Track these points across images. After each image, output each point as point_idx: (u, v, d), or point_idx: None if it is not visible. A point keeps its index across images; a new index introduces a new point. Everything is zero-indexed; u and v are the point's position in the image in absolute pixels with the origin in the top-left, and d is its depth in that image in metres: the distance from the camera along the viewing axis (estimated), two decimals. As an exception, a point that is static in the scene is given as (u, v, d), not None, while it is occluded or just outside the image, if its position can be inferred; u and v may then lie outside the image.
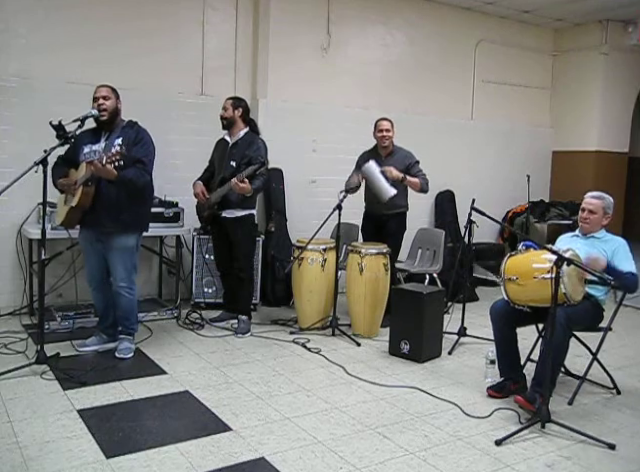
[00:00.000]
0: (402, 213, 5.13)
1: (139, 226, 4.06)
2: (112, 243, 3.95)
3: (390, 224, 5.07)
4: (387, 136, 4.96)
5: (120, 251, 3.97)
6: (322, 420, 3.23)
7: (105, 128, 3.97)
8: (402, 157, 4.98)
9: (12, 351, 4.04)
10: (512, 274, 3.40)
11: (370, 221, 5.22)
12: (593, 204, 3.69)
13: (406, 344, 4.26)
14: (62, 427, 3.01)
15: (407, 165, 4.94)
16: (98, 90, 3.94)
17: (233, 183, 4.39)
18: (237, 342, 4.55)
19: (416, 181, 4.89)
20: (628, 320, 5.52)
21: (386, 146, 4.98)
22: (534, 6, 6.87)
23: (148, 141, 3.97)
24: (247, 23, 5.87)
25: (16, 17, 4.85)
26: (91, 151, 3.92)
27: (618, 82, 7.55)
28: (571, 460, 2.89)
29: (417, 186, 4.91)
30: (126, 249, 3.99)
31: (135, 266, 4.09)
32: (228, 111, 4.67)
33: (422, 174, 4.96)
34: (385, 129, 4.96)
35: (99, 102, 3.89)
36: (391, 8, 6.55)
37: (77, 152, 3.95)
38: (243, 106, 4.71)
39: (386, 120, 5.01)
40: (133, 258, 4.05)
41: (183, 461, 2.74)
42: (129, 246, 4.00)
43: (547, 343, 3.21)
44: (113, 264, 4.00)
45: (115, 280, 4.02)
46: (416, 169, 4.97)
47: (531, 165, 7.46)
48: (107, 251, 3.99)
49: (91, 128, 4.00)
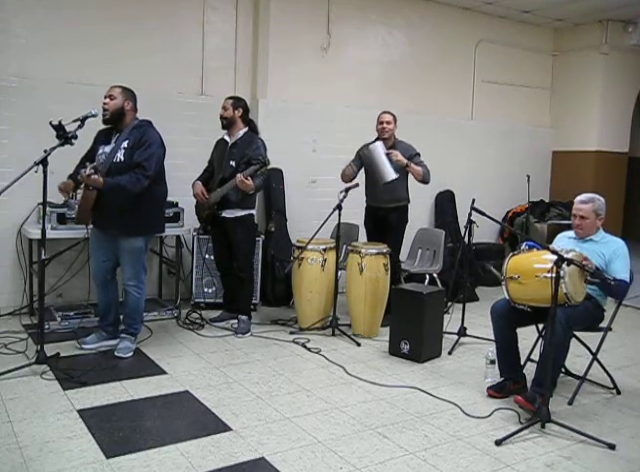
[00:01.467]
0: (403, 206, 5.13)
1: (146, 229, 4.07)
2: (120, 245, 4.01)
3: (391, 217, 5.08)
4: (387, 128, 4.98)
5: (128, 253, 4.01)
6: (322, 420, 3.23)
7: (116, 128, 4.00)
8: (404, 149, 4.99)
9: (12, 351, 4.04)
10: (514, 273, 3.40)
11: (371, 215, 5.23)
12: (583, 209, 3.65)
13: (406, 344, 4.26)
14: (62, 427, 3.01)
15: (409, 157, 4.95)
16: (109, 89, 3.98)
17: (238, 179, 4.38)
18: (237, 342, 4.55)
19: (419, 169, 4.92)
20: (628, 320, 5.52)
21: (386, 138, 4.98)
22: (534, 6, 6.87)
23: (153, 144, 3.93)
24: (247, 23, 5.87)
25: (16, 17, 4.85)
26: (103, 152, 3.97)
27: (618, 82, 7.55)
28: (571, 460, 2.89)
29: (420, 174, 4.94)
30: (133, 251, 4.02)
31: (144, 266, 4.13)
32: (228, 111, 4.66)
33: (424, 165, 5.00)
34: (386, 121, 4.99)
35: (103, 101, 3.92)
36: (391, 8, 6.56)
37: (95, 151, 4.04)
38: (243, 106, 4.70)
39: (388, 113, 5.05)
40: (141, 259, 4.09)
41: (183, 461, 2.74)
42: (136, 248, 4.03)
43: (547, 343, 3.21)
44: (122, 263, 4.07)
45: (124, 278, 4.09)
46: (418, 160, 5.01)
47: (531, 165, 7.46)
48: (117, 250, 4.05)
49: (108, 127, 4.04)
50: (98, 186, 3.77)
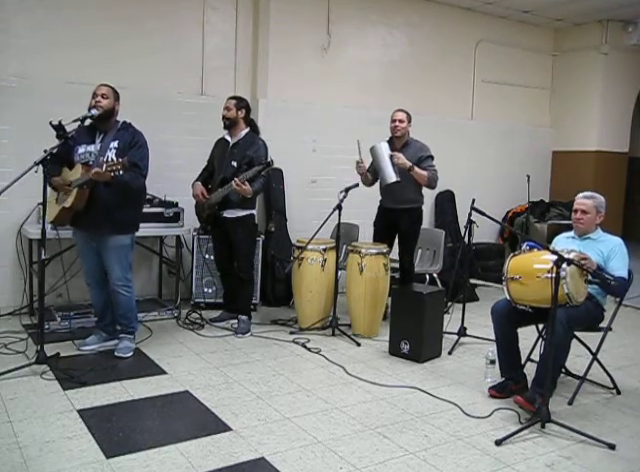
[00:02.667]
0: (415, 208, 4.98)
1: (133, 226, 4.08)
2: (107, 243, 3.96)
3: (402, 221, 4.94)
4: (399, 127, 4.87)
5: (115, 250, 3.97)
6: (322, 420, 3.23)
7: (100, 128, 3.95)
8: (416, 149, 4.88)
9: (12, 351, 4.04)
10: (515, 273, 3.40)
11: (382, 215, 5.11)
12: (585, 204, 3.69)
13: (406, 344, 4.26)
14: (62, 427, 3.01)
15: (419, 158, 4.83)
16: (98, 88, 3.93)
17: (234, 185, 4.39)
18: (237, 342, 4.55)
19: (423, 174, 4.77)
20: (628, 320, 5.52)
21: (398, 136, 4.89)
22: (534, 6, 6.88)
23: (143, 144, 3.97)
24: (247, 23, 5.87)
25: (16, 17, 4.85)
26: (86, 152, 3.90)
27: (618, 82, 7.55)
28: (571, 460, 2.89)
29: (424, 179, 4.80)
30: (122, 248, 4.00)
31: (130, 264, 4.11)
32: (231, 111, 4.64)
33: (433, 169, 4.85)
34: (398, 119, 4.89)
35: (97, 99, 3.87)
36: (391, 8, 6.56)
37: (71, 151, 3.91)
38: (246, 106, 4.69)
39: (401, 111, 4.95)
40: (129, 256, 4.08)
41: (183, 461, 2.74)
42: (124, 245, 4.01)
43: (548, 343, 3.21)
44: (109, 264, 4.00)
45: (112, 279, 4.03)
46: (427, 163, 4.86)
47: (531, 165, 7.47)
48: (102, 251, 4.00)
49: (85, 126, 3.91)
50: (106, 179, 3.68)
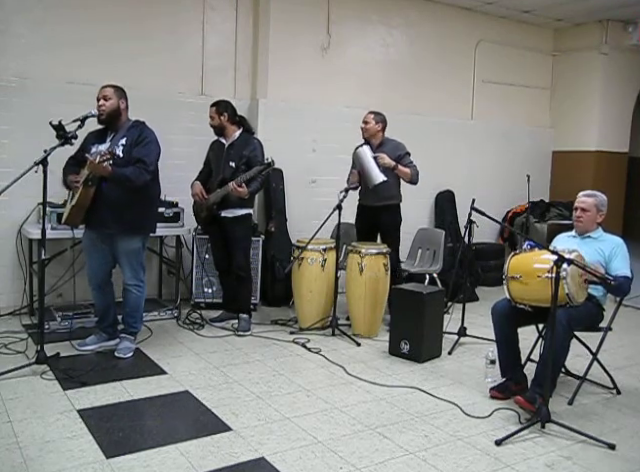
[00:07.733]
0: (395, 205, 5.07)
1: (143, 227, 4.07)
2: (117, 245, 3.99)
3: (383, 218, 5.02)
4: (364, 128, 4.96)
5: (126, 253, 4.00)
6: (322, 420, 3.23)
7: (110, 128, 3.99)
8: (392, 148, 4.95)
9: (12, 351, 4.04)
10: (515, 272, 3.40)
11: (361, 213, 5.18)
12: (586, 202, 3.70)
13: (406, 344, 4.26)
14: (62, 427, 3.01)
15: (397, 156, 4.91)
16: (101, 90, 3.94)
17: (231, 187, 4.41)
18: (237, 342, 4.55)
19: (407, 171, 4.88)
20: (628, 320, 5.52)
21: (367, 137, 4.96)
22: (534, 6, 6.87)
23: (151, 141, 3.96)
24: (247, 23, 5.87)
25: (16, 17, 4.85)
26: (97, 151, 3.91)
27: (618, 82, 7.55)
28: (571, 460, 2.89)
29: (408, 176, 4.90)
30: (132, 251, 4.02)
31: (143, 265, 4.13)
32: (215, 120, 4.69)
33: (413, 165, 4.95)
34: (364, 121, 4.98)
35: (99, 103, 3.90)
36: (391, 8, 6.56)
37: (86, 152, 3.97)
38: (226, 109, 4.68)
39: (370, 113, 5.02)
40: (139, 258, 4.09)
41: (183, 461, 2.74)
42: (134, 248, 4.03)
43: (548, 343, 3.20)
44: (121, 264, 4.07)
45: (124, 278, 4.09)
46: (407, 160, 4.95)
47: (531, 165, 7.46)
48: (114, 252, 4.03)
49: (99, 128, 4.03)
50: (105, 174, 3.70)
